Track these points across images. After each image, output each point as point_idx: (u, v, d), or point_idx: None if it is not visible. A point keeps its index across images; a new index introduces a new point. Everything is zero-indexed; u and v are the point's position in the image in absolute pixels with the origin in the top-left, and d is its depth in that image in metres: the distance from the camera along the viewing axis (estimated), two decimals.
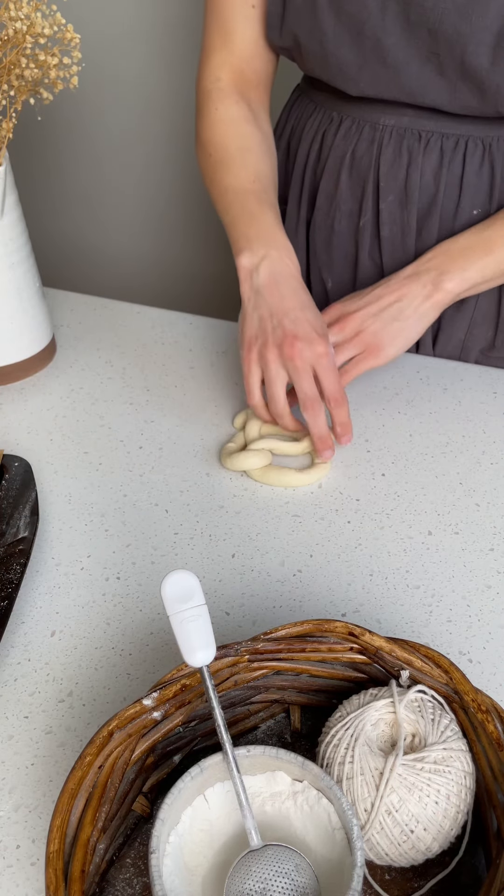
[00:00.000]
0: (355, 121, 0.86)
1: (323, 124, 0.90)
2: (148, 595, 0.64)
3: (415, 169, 0.84)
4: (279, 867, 0.42)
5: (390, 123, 0.84)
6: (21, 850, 0.48)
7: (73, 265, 1.77)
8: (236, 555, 0.67)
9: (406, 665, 0.48)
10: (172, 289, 1.71)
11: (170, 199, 1.62)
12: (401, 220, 0.87)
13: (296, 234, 0.97)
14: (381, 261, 0.91)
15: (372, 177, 0.87)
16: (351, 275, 0.95)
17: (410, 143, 0.83)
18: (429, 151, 0.83)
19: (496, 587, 0.64)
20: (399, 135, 0.84)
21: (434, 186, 0.85)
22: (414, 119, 0.82)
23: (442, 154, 0.83)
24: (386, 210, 0.87)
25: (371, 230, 0.90)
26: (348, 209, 0.90)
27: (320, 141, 0.90)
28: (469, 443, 0.80)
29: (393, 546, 0.68)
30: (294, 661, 0.49)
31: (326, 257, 0.95)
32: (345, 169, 0.88)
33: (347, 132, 0.87)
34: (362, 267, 0.93)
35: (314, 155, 0.92)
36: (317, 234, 0.94)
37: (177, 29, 1.40)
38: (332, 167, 0.89)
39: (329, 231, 0.93)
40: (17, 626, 0.61)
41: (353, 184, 0.89)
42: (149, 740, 0.46)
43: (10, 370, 0.87)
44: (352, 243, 0.92)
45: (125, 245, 1.73)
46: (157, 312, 1.01)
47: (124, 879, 0.46)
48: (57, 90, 0.76)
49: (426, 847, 0.43)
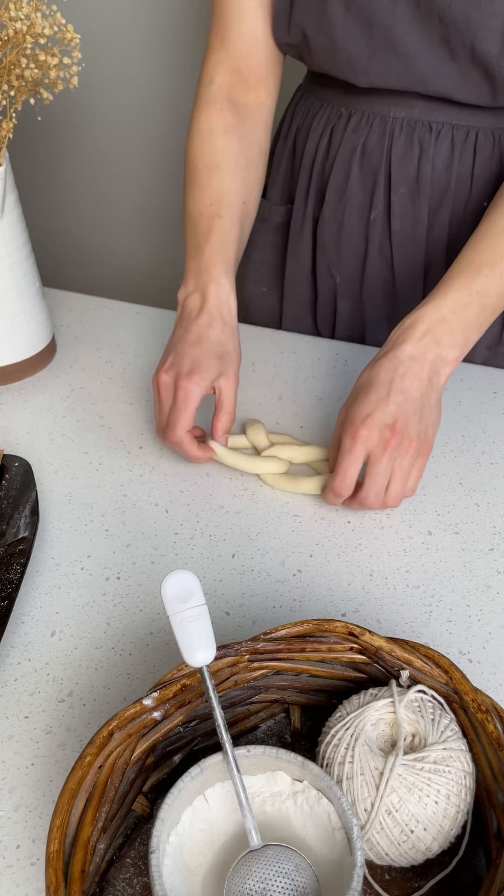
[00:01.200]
0: (365, 114, 0.86)
1: (331, 120, 0.90)
2: (148, 595, 0.64)
3: (426, 161, 0.84)
4: (279, 867, 0.42)
5: (401, 116, 0.83)
6: (21, 850, 0.48)
7: (73, 265, 1.77)
8: (236, 555, 0.67)
9: (406, 665, 0.48)
10: (172, 289, 1.70)
11: (170, 198, 1.62)
12: (412, 212, 0.87)
13: (301, 232, 0.97)
14: (392, 255, 0.91)
15: (383, 169, 0.87)
16: (360, 270, 0.95)
17: (421, 134, 0.83)
18: (440, 143, 0.83)
19: (496, 587, 0.64)
20: (410, 127, 0.84)
21: (445, 178, 0.85)
22: (424, 111, 0.82)
23: (453, 146, 0.83)
24: (397, 203, 0.87)
25: (382, 223, 0.90)
26: (359, 203, 0.90)
27: (329, 136, 0.90)
28: (469, 443, 0.80)
29: (393, 546, 0.68)
30: (294, 661, 0.49)
31: (335, 253, 0.95)
32: (355, 162, 0.88)
33: (357, 126, 0.87)
34: (371, 261, 0.93)
35: (322, 151, 0.91)
36: (325, 229, 0.94)
37: (177, 29, 1.40)
38: (342, 161, 0.89)
39: (338, 226, 0.93)
40: (17, 626, 0.61)
41: (363, 177, 0.89)
42: (149, 740, 0.46)
43: (10, 370, 0.87)
44: (361, 238, 0.92)
45: (125, 245, 1.73)
46: (157, 312, 1.01)
47: (124, 879, 0.46)
48: (57, 90, 0.76)
49: (426, 847, 0.43)
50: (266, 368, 0.91)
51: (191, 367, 0.71)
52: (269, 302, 1.06)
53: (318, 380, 0.89)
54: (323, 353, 0.94)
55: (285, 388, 0.88)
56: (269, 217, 1.00)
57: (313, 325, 1.04)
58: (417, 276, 0.93)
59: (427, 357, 0.68)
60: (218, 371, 0.73)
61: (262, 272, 1.05)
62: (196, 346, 0.73)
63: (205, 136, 0.84)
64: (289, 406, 0.85)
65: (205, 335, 0.74)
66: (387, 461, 0.65)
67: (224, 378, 0.73)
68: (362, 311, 0.98)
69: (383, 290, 0.96)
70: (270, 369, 0.91)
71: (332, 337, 1.02)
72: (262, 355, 0.93)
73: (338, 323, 1.00)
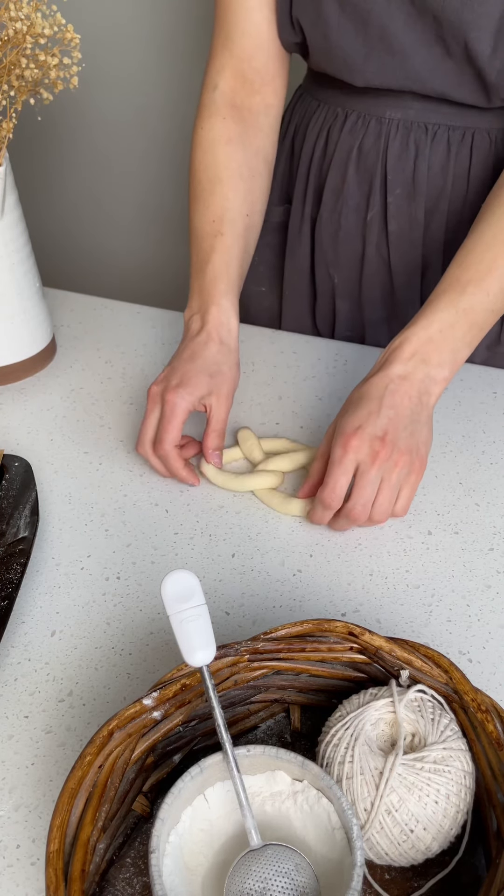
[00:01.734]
0: (361, 115, 0.86)
1: (328, 120, 0.90)
2: (148, 595, 0.64)
3: (422, 161, 0.84)
4: (279, 867, 0.42)
5: (397, 117, 0.83)
6: (21, 849, 0.48)
7: (73, 265, 1.77)
8: (236, 555, 0.67)
9: (406, 665, 0.48)
10: (172, 289, 1.71)
11: (170, 198, 1.62)
12: (408, 213, 0.87)
13: (300, 233, 0.97)
14: (389, 255, 0.91)
15: (379, 170, 0.87)
16: (358, 270, 0.95)
17: (417, 135, 0.84)
18: (436, 144, 0.83)
19: (496, 587, 0.65)
20: (406, 128, 0.84)
21: (442, 179, 0.85)
22: (420, 112, 0.82)
23: (449, 146, 0.83)
24: (394, 203, 0.87)
25: (379, 224, 0.90)
26: (355, 204, 0.90)
27: (325, 137, 0.90)
28: (469, 443, 0.80)
29: (393, 546, 0.68)
30: (294, 661, 0.49)
31: (333, 254, 0.95)
32: (352, 163, 0.88)
33: (353, 126, 0.87)
34: (369, 262, 0.93)
35: (319, 151, 0.92)
36: (323, 230, 0.94)
37: (176, 29, 1.40)
38: (339, 162, 0.89)
39: (336, 227, 0.93)
40: (17, 626, 0.61)
41: (360, 178, 0.89)
42: (149, 740, 0.46)
43: (10, 370, 0.87)
44: (359, 238, 0.92)
45: (125, 245, 1.73)
46: (157, 312, 1.01)
47: (124, 879, 0.46)
48: (57, 90, 0.76)
49: (426, 847, 0.43)
50: (266, 368, 0.91)
51: (179, 381, 0.71)
52: (268, 301, 1.07)
53: (318, 380, 0.89)
54: (323, 353, 0.94)
55: (285, 388, 0.88)
56: (267, 217, 1.00)
57: (313, 325, 1.04)
58: (415, 276, 0.93)
59: (416, 377, 0.67)
60: (208, 389, 0.72)
61: (260, 272, 1.05)
62: (189, 363, 0.73)
63: (207, 147, 0.83)
64: (289, 406, 0.85)
65: (199, 353, 0.74)
66: (375, 472, 0.64)
67: (215, 396, 0.73)
68: (361, 311, 0.98)
69: (381, 290, 0.96)
70: (270, 369, 0.91)
71: (332, 337, 1.02)
72: (261, 355, 0.93)
73: (337, 323, 1.00)
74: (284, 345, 0.96)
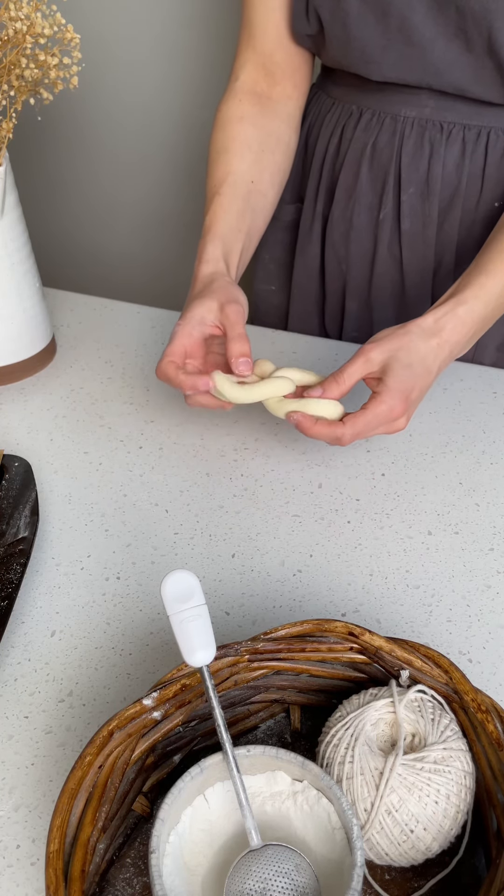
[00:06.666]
0: (375, 113, 0.86)
1: (342, 118, 0.90)
2: (148, 595, 0.64)
3: (437, 160, 0.84)
4: (279, 867, 0.42)
5: (412, 115, 0.83)
6: (21, 849, 0.48)
7: (73, 265, 1.77)
8: (236, 555, 0.67)
9: (406, 665, 0.48)
10: (173, 289, 1.71)
11: (170, 198, 1.62)
12: (422, 212, 0.87)
13: (310, 231, 0.97)
14: (401, 255, 0.91)
15: (393, 169, 0.87)
16: (369, 269, 0.94)
17: (432, 134, 0.83)
18: (451, 143, 0.83)
19: (496, 587, 0.64)
20: (421, 126, 0.84)
21: (456, 178, 0.85)
22: (436, 110, 0.82)
23: (464, 146, 0.83)
24: (407, 202, 0.87)
25: (391, 223, 0.90)
26: (368, 202, 0.90)
27: (339, 135, 0.90)
28: (469, 443, 0.80)
29: (393, 546, 0.68)
30: (294, 661, 0.49)
31: (344, 252, 0.95)
32: (365, 161, 0.88)
33: (368, 124, 0.87)
34: (381, 261, 0.93)
35: (333, 149, 0.91)
36: (335, 229, 0.94)
37: (177, 28, 1.39)
38: (352, 160, 0.89)
39: (348, 225, 0.93)
40: (17, 626, 0.61)
41: (373, 176, 0.89)
42: (149, 740, 0.46)
43: (10, 370, 0.87)
44: (371, 237, 0.92)
45: (125, 245, 1.73)
46: (157, 312, 1.01)
47: (124, 879, 0.46)
48: (57, 90, 0.76)
49: (426, 847, 0.43)
50: None
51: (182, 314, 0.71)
52: (277, 300, 1.06)
53: None
54: (323, 354, 0.94)
55: None
56: (278, 215, 1.00)
57: (320, 325, 1.04)
58: (427, 276, 0.92)
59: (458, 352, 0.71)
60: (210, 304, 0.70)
61: (270, 270, 1.05)
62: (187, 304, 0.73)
63: (220, 125, 0.86)
64: None
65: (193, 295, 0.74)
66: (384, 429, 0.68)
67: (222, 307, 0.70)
68: (370, 311, 0.98)
69: (392, 290, 0.95)
70: None
71: (340, 337, 1.02)
72: (262, 356, 0.93)
73: (345, 323, 1.00)
74: (285, 345, 0.96)
